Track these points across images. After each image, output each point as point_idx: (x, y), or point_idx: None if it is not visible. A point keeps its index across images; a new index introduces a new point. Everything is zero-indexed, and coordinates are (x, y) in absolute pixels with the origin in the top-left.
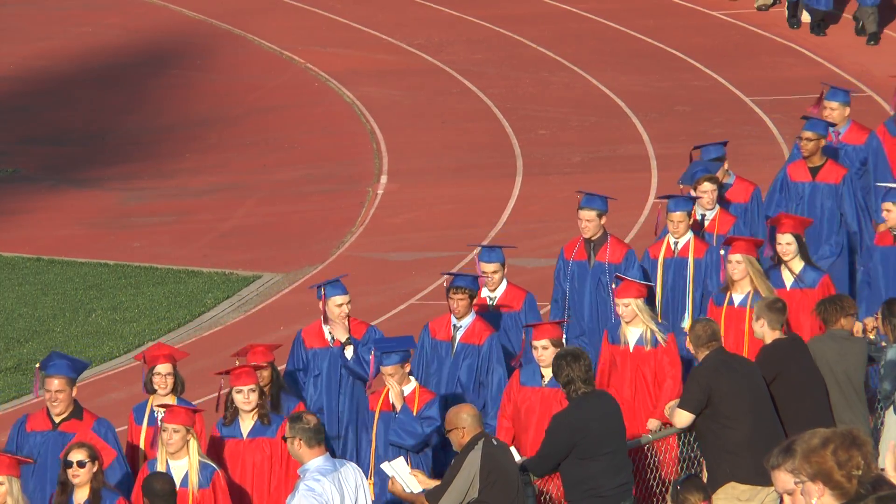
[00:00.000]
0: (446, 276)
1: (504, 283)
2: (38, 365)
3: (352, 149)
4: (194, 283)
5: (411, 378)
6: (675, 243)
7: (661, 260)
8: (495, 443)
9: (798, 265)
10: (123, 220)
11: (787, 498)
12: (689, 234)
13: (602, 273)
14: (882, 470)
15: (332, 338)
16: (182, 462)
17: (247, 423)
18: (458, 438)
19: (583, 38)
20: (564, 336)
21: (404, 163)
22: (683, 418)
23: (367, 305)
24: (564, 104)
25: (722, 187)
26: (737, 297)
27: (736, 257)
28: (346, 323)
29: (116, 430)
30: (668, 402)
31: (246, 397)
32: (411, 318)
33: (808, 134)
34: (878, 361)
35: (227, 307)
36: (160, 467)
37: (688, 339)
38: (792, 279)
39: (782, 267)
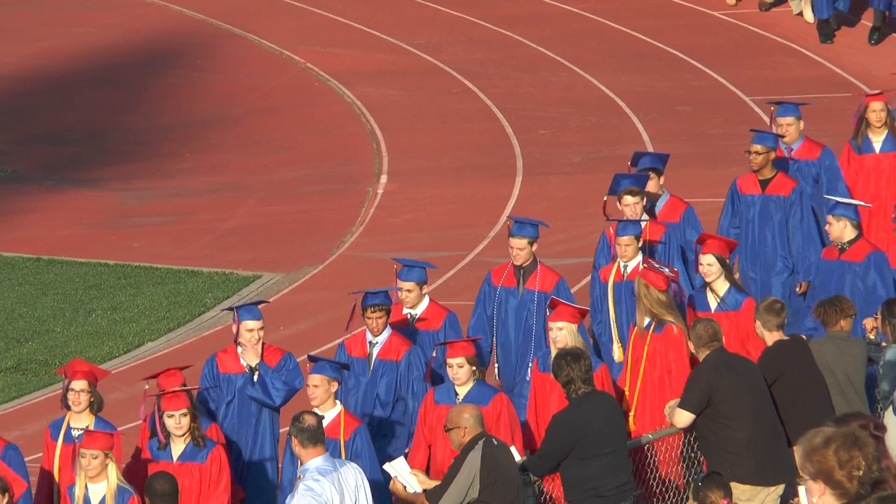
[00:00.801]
0: (357, 296)
1: (426, 300)
2: None
3: (352, 149)
4: (194, 283)
5: (337, 402)
6: (625, 266)
7: (611, 283)
8: (495, 443)
9: (722, 287)
10: (123, 220)
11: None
12: (639, 257)
13: (531, 301)
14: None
15: (249, 364)
16: (101, 486)
17: (178, 447)
18: (458, 438)
19: (583, 38)
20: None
21: (404, 163)
22: (684, 418)
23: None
24: (564, 104)
25: (654, 202)
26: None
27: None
28: (259, 349)
29: (119, 427)
30: None
31: (178, 422)
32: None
33: (757, 147)
34: (876, 362)
35: (227, 307)
36: (78, 491)
37: (689, 339)
38: (716, 302)
39: (707, 289)
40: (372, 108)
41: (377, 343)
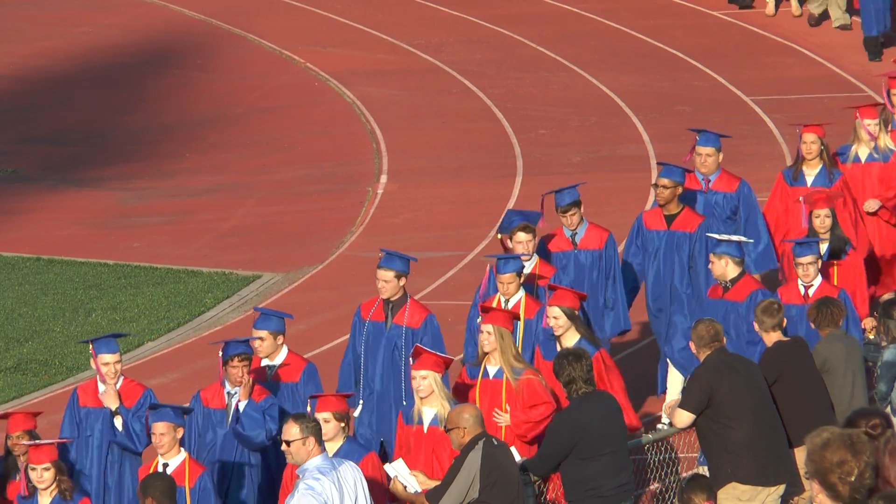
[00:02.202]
0: (219, 345)
1: (284, 350)
2: None
3: (352, 149)
4: (194, 283)
5: (181, 449)
6: (506, 302)
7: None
8: (495, 443)
9: (572, 339)
10: (123, 220)
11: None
12: (521, 293)
13: (398, 337)
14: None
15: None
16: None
17: (45, 499)
18: (458, 438)
19: (583, 38)
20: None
21: (404, 163)
22: (684, 418)
23: None
24: (564, 104)
25: (575, 232)
26: (491, 369)
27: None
28: (117, 385)
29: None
30: None
31: (39, 476)
32: None
33: (665, 181)
34: (870, 362)
35: (227, 307)
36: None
37: (691, 339)
38: None
39: (556, 342)
40: (372, 108)
41: (235, 394)
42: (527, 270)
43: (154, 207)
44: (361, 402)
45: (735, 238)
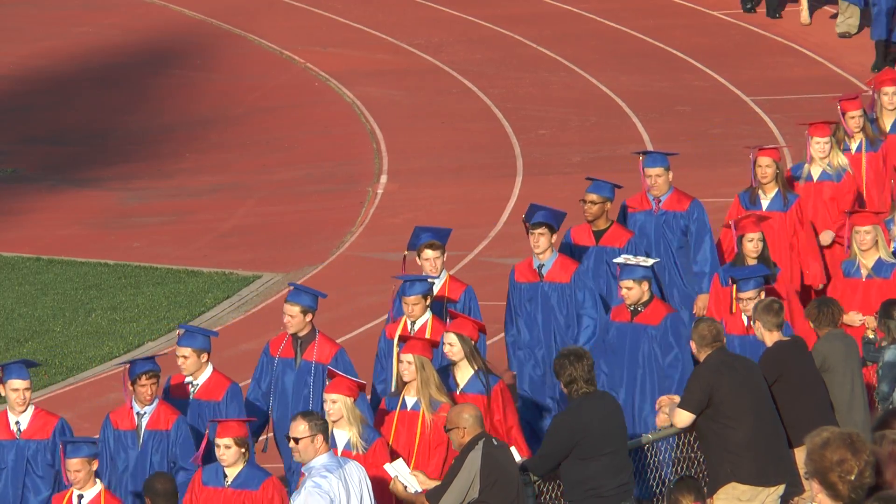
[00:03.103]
0: (124, 366)
1: (209, 369)
2: None
3: (352, 149)
4: (194, 283)
5: (97, 480)
6: (412, 324)
7: (396, 341)
8: (495, 443)
9: (466, 370)
10: (123, 220)
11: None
12: (427, 315)
13: (308, 373)
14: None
15: (19, 428)
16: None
17: None
18: (458, 438)
19: (583, 38)
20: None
21: (404, 163)
22: (683, 418)
23: (367, 305)
24: (564, 104)
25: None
26: (409, 400)
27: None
28: (27, 414)
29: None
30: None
31: None
32: None
33: (593, 196)
34: (870, 362)
35: (227, 307)
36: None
37: (692, 339)
38: (463, 383)
39: (450, 370)
40: (372, 108)
41: (145, 414)
42: (435, 289)
43: (154, 207)
44: (273, 436)
45: (644, 262)
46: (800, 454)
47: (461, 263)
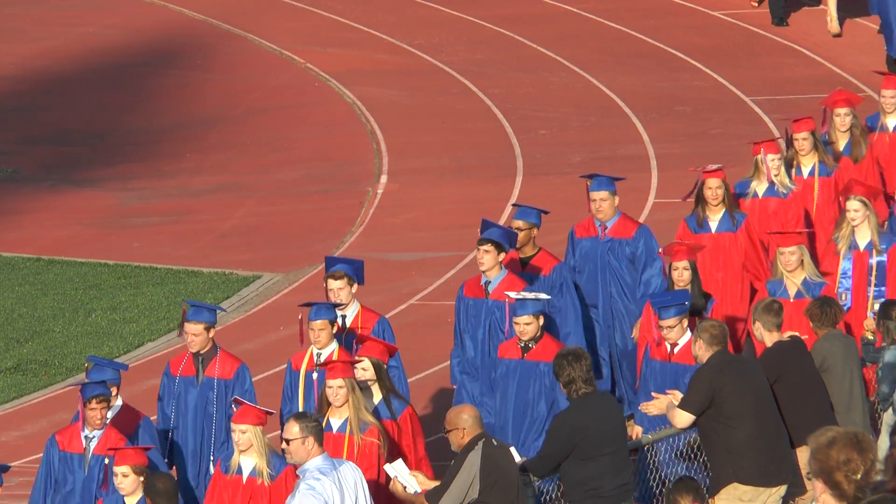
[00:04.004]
0: (77, 386)
1: (118, 402)
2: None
3: (352, 149)
4: (194, 283)
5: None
6: (318, 354)
7: (302, 372)
8: (495, 443)
9: (376, 397)
10: (123, 220)
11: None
12: (334, 345)
13: (210, 390)
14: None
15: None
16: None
17: None
18: (457, 439)
19: (583, 38)
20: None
21: (404, 163)
22: (683, 419)
23: (367, 305)
24: (564, 104)
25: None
26: (335, 423)
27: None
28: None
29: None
30: None
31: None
32: (411, 319)
33: (519, 223)
34: (869, 362)
35: (227, 307)
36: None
37: (700, 338)
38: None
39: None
40: (372, 108)
41: (94, 437)
42: (349, 317)
43: (154, 207)
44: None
45: (535, 297)
46: (801, 454)
47: (461, 264)
